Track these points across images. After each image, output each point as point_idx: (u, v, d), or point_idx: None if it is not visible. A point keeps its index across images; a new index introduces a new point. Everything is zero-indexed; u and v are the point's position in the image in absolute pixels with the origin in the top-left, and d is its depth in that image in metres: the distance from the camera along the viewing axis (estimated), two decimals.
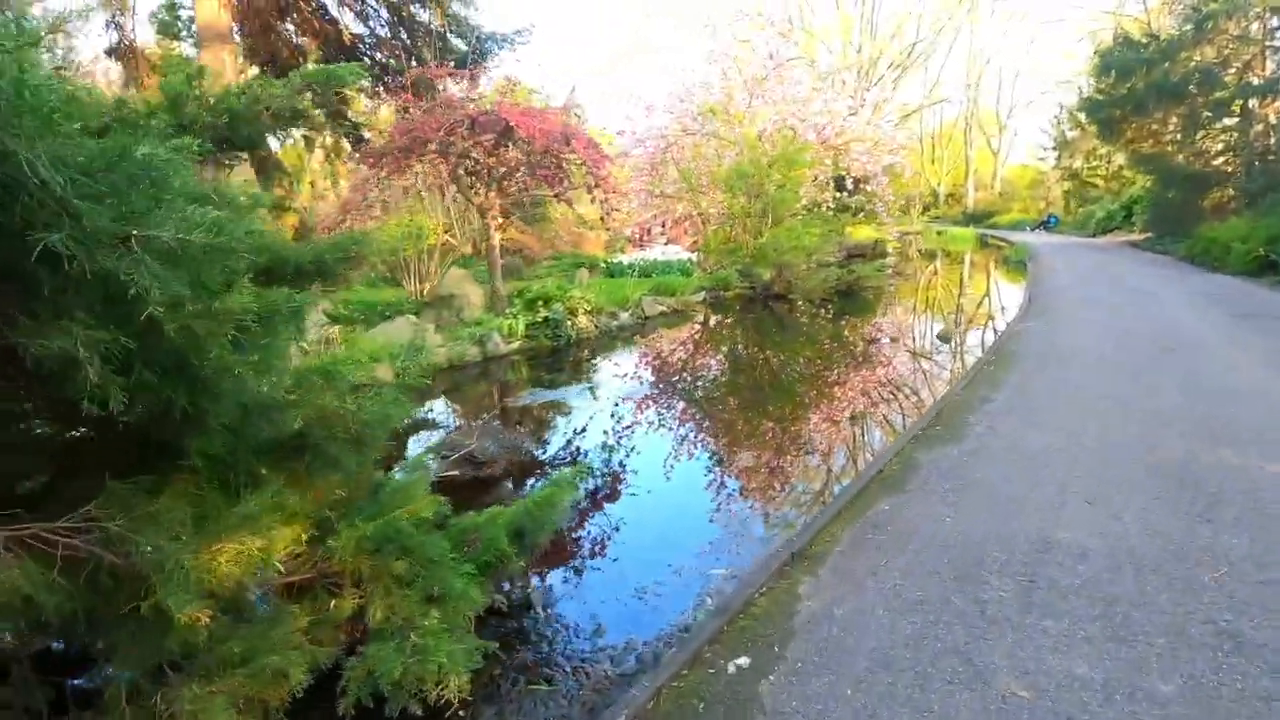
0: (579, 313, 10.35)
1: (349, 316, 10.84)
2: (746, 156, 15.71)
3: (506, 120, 8.68)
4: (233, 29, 11.17)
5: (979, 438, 5.04)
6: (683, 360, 9.55)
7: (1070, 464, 4.43)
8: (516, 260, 21.89)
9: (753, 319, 13.20)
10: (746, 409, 7.13)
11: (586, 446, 5.89)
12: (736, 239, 15.69)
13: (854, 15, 38.70)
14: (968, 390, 6.36)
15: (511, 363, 9.23)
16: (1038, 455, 4.63)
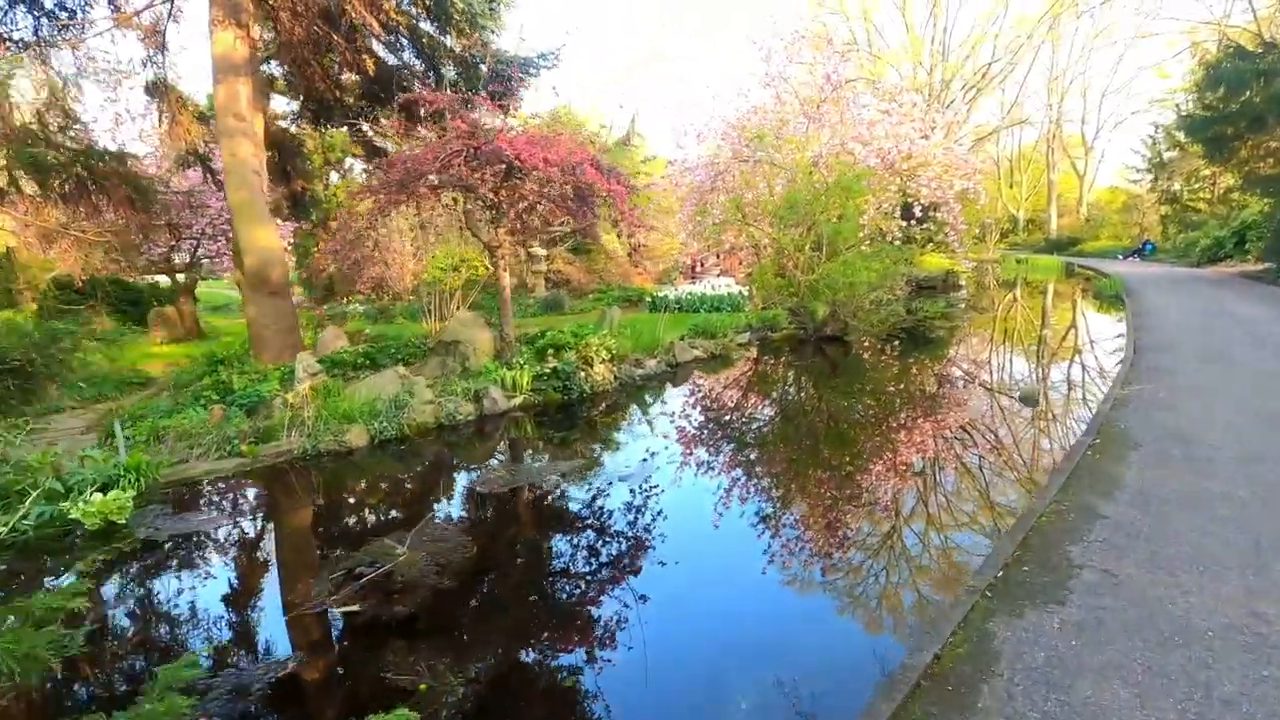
0: (595, 362, 9.02)
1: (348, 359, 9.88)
2: (799, 184, 14.17)
3: (503, 150, 7.53)
4: (248, 62, 10.55)
5: (1090, 594, 3.36)
6: (700, 425, 8.04)
7: (1254, 663, 2.75)
8: (560, 294, 20.89)
9: (798, 368, 11.56)
10: (741, 514, 5.57)
11: (553, 563, 4.49)
12: (788, 274, 14.11)
13: (924, 37, 36.63)
14: (1065, 494, 4.63)
15: (512, 422, 7.96)
16: (1192, 636, 2.95)
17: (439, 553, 4.31)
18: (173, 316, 17.86)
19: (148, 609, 3.96)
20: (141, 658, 3.52)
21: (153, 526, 5.01)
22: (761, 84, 18.64)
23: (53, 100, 12.68)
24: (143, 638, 3.73)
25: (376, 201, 7.99)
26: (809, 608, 3.89)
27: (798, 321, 13.43)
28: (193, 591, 4.14)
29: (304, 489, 6.11)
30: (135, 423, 7.82)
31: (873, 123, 16.67)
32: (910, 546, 4.61)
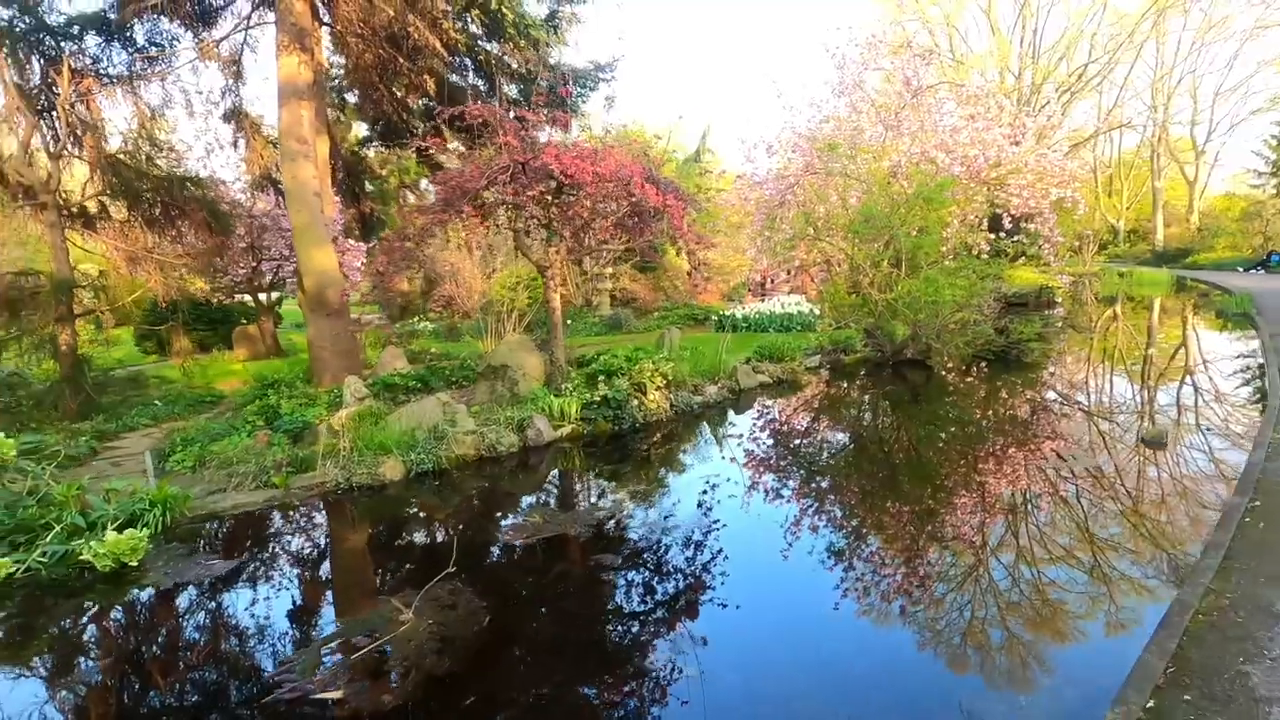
0: (649, 389, 8.36)
1: (399, 382, 9.59)
2: (876, 196, 13.13)
3: (549, 165, 7.02)
4: (312, 86, 10.56)
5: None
6: (764, 459, 7.20)
7: None
8: (624, 313, 20.40)
9: (874, 394, 10.52)
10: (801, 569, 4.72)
11: (578, 636, 3.83)
12: (862, 291, 13.05)
13: (1012, 40, 34.48)
14: (1226, 581, 3.60)
15: (558, 454, 7.38)
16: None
17: (446, 622, 3.72)
18: (255, 334, 18.38)
19: (102, 679, 3.52)
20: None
21: (163, 571, 4.67)
22: (835, 93, 17.70)
23: (141, 130, 13.19)
24: None
25: (423, 221, 7.63)
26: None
27: (874, 343, 12.36)
28: (165, 658, 3.69)
29: (325, 530, 5.71)
30: (184, 447, 7.70)
31: (956, 129, 15.41)
32: (1013, 642, 3.67)
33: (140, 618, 4.20)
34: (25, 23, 11.16)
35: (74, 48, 11.81)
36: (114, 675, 3.51)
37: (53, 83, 11.34)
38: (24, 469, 5.36)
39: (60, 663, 3.68)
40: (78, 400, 10.84)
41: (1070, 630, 3.80)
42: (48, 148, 11.30)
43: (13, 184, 11.44)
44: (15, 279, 11.25)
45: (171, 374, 14.72)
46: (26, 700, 3.31)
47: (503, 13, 8.64)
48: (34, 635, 4.00)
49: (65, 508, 5.09)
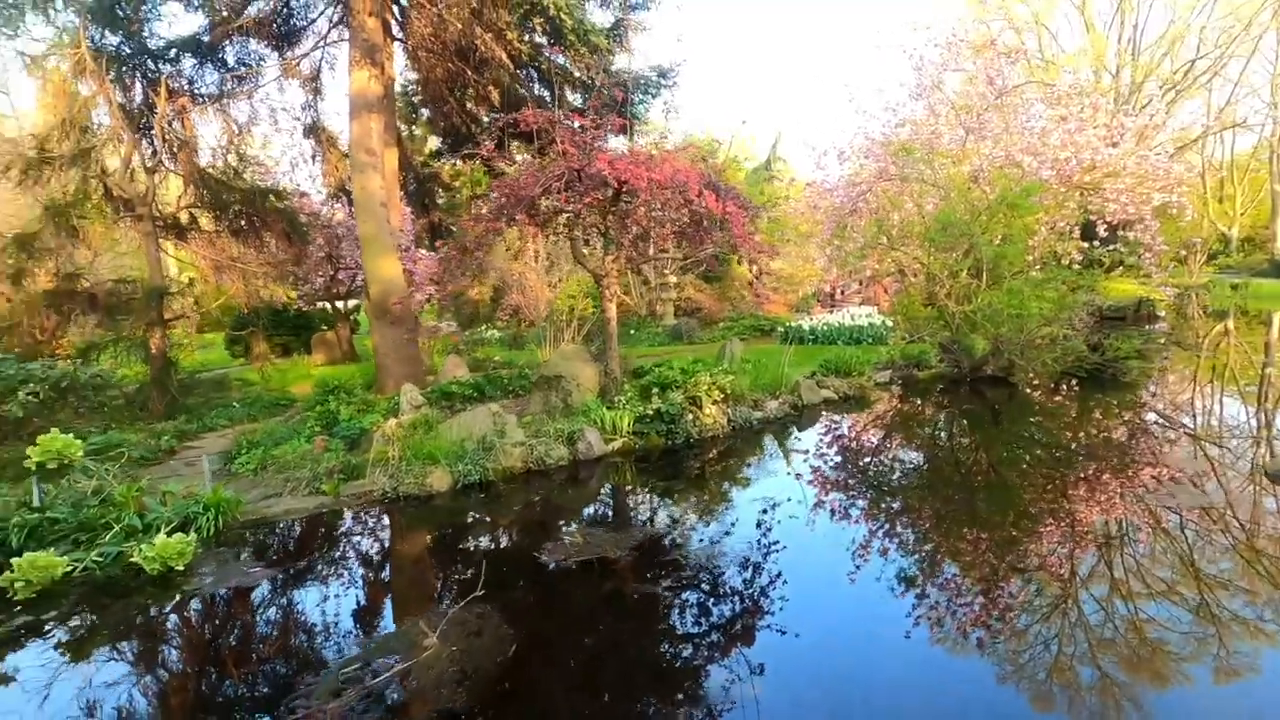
0: (705, 403, 8.02)
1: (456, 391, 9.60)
2: (954, 202, 12.35)
3: (602, 172, 6.83)
4: (382, 99, 10.81)
5: None
6: (826, 479, 6.72)
7: None
8: (689, 322, 20.07)
9: (949, 413, 9.81)
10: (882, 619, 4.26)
11: (608, 676, 3.55)
12: (938, 303, 12.27)
13: (1109, 36, 32.31)
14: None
15: (609, 469, 7.14)
16: None
17: (471, 651, 3.52)
18: (332, 340, 19.06)
19: (116, 689, 3.47)
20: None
21: (206, 576, 4.69)
22: (912, 95, 16.89)
23: (230, 145, 13.90)
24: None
25: (478, 229, 7.59)
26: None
27: (950, 358, 11.59)
28: (184, 671, 3.63)
29: (365, 541, 5.65)
30: (249, 450, 7.90)
31: (1046, 131, 14.37)
32: (1106, 682, 3.15)
33: (172, 626, 4.19)
34: (129, 48, 11.91)
35: (171, 69, 12.53)
36: (126, 686, 3.47)
37: (152, 103, 12.04)
38: (89, 469, 5.54)
39: (78, 667, 3.68)
40: (164, 401, 11.42)
41: (1172, 673, 3.36)
42: (145, 163, 12.00)
43: (115, 198, 12.20)
44: (115, 286, 11.96)
45: (253, 377, 15.37)
46: (34, 702, 3.32)
47: (561, 19, 8.56)
48: (70, 634, 4.05)
49: (124, 509, 5.21)
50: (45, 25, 11.36)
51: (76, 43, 11.14)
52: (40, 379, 6.43)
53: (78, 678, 3.58)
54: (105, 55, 11.32)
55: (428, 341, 18.84)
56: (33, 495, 5.21)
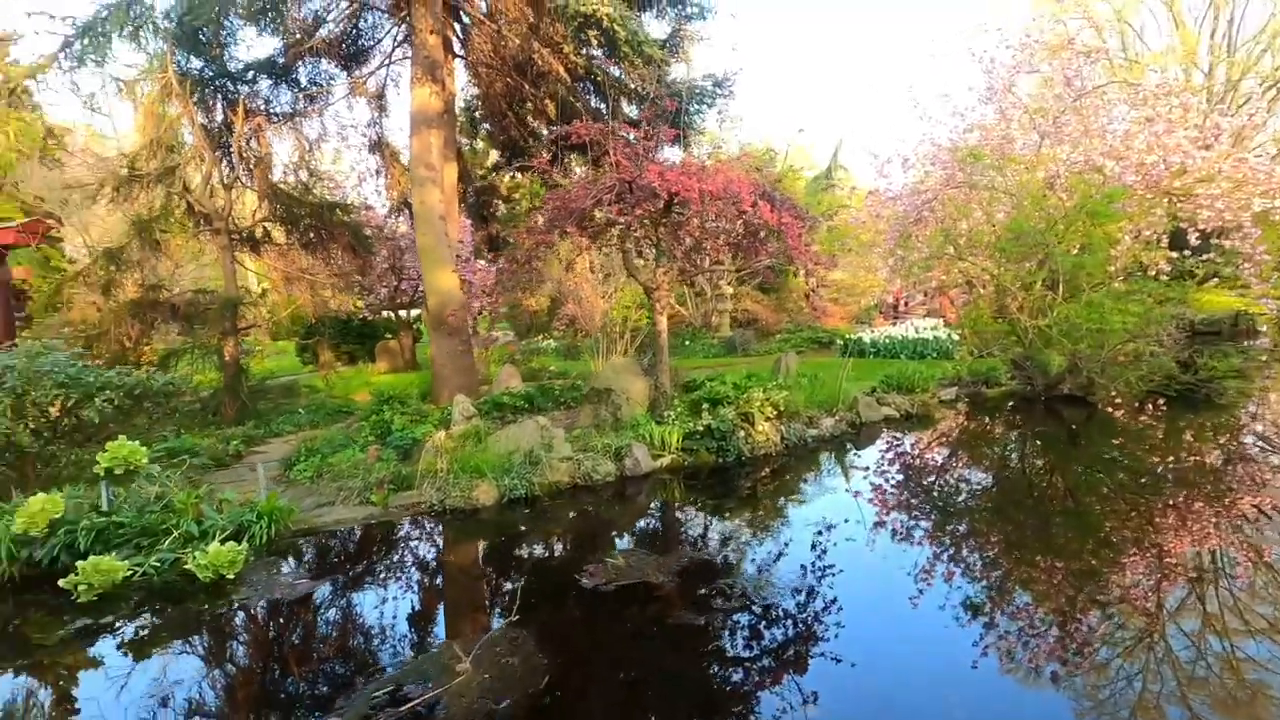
0: (758, 419, 7.76)
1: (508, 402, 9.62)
2: (1027, 210, 11.69)
3: (653, 183, 6.70)
4: (442, 115, 11.01)
5: None
6: (885, 503, 6.35)
7: None
8: (745, 334, 19.74)
9: (1021, 434, 9.22)
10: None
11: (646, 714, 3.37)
12: (1010, 316, 11.61)
13: (1200, 33, 30.31)
14: None
15: (656, 486, 6.97)
16: None
17: (503, 678, 3.40)
18: (395, 349, 19.57)
19: (146, 699, 3.49)
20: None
21: (254, 586, 4.75)
22: (982, 99, 16.16)
23: (301, 161, 14.47)
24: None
25: (530, 242, 7.58)
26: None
27: (1022, 375, 10.93)
28: (218, 685, 3.63)
29: (408, 555, 5.64)
30: (307, 457, 8.09)
31: (1130, 134, 13.48)
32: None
33: (213, 637, 4.23)
34: (211, 71, 12.54)
35: (248, 90, 13.14)
36: (160, 694, 3.49)
37: (230, 122, 12.63)
38: (153, 475, 5.73)
39: (117, 672, 3.74)
40: (234, 407, 11.90)
41: (1273, 717, 3.01)
42: (223, 180, 12.60)
43: (196, 213, 12.85)
44: (194, 296, 12.56)
45: (320, 384, 15.90)
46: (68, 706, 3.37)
47: (615, 31, 8.52)
48: (117, 641, 4.14)
49: (183, 515, 5.36)
50: (137, 52, 12.06)
51: (164, 67, 11.81)
52: (116, 386, 6.73)
53: (113, 684, 3.64)
54: (189, 79, 11.95)
55: (485, 351, 19.15)
56: (102, 499, 5.41)
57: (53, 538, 5.05)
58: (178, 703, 3.42)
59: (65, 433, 6.99)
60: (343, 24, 13.33)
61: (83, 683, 3.76)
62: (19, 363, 6.47)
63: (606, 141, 7.73)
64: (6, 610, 4.73)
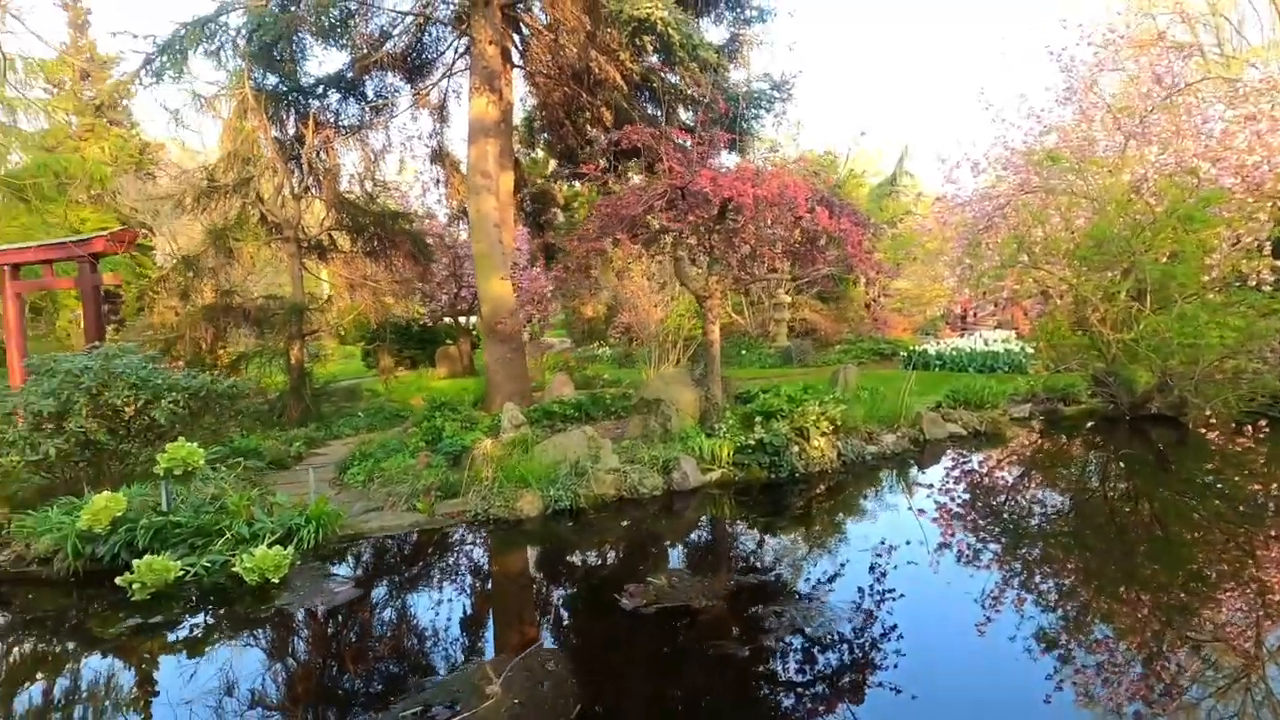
0: (813, 434, 7.41)
1: (557, 411, 9.55)
2: (1110, 216, 10.91)
3: (705, 189, 6.49)
4: (498, 124, 11.11)
5: None
6: (951, 528, 5.91)
7: None
8: (803, 344, 19.21)
9: (1103, 455, 8.54)
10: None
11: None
12: (1091, 329, 10.84)
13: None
14: None
15: (705, 501, 6.73)
16: None
17: (533, 703, 3.24)
18: (454, 354, 19.90)
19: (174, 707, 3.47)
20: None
21: (297, 591, 4.76)
22: (1059, 100, 15.27)
23: (366, 171, 14.89)
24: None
25: (581, 249, 7.49)
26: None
27: (1104, 392, 10.16)
28: (245, 697, 3.58)
29: (447, 566, 5.57)
30: (361, 461, 8.20)
31: (1228, 132, 12.45)
32: None
33: (249, 644, 4.23)
34: (285, 86, 13.04)
35: (319, 104, 13.62)
36: (189, 698, 3.47)
37: (301, 135, 13.09)
38: (209, 476, 5.86)
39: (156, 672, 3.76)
40: (299, 409, 12.28)
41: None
42: (292, 190, 13.06)
43: (268, 222, 13.36)
44: (264, 302, 13.03)
45: (380, 388, 16.29)
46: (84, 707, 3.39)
47: (669, 35, 8.37)
48: (159, 641, 4.19)
49: (236, 517, 5.45)
50: (218, 70, 12.64)
51: (241, 84, 12.35)
52: (182, 388, 6.96)
53: (151, 683, 3.67)
54: (264, 94, 12.45)
55: (540, 357, 19.27)
56: (162, 499, 5.56)
57: (114, 535, 5.21)
58: (203, 708, 3.39)
59: (139, 431, 7.27)
60: (407, 38, 13.67)
61: (124, 680, 3.81)
62: (96, 364, 6.77)
63: (658, 146, 7.57)
64: (70, 604, 4.90)
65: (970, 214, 16.11)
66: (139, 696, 3.63)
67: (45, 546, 5.22)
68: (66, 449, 6.34)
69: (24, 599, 5.02)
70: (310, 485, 6.15)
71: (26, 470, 6.49)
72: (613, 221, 7.11)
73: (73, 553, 5.14)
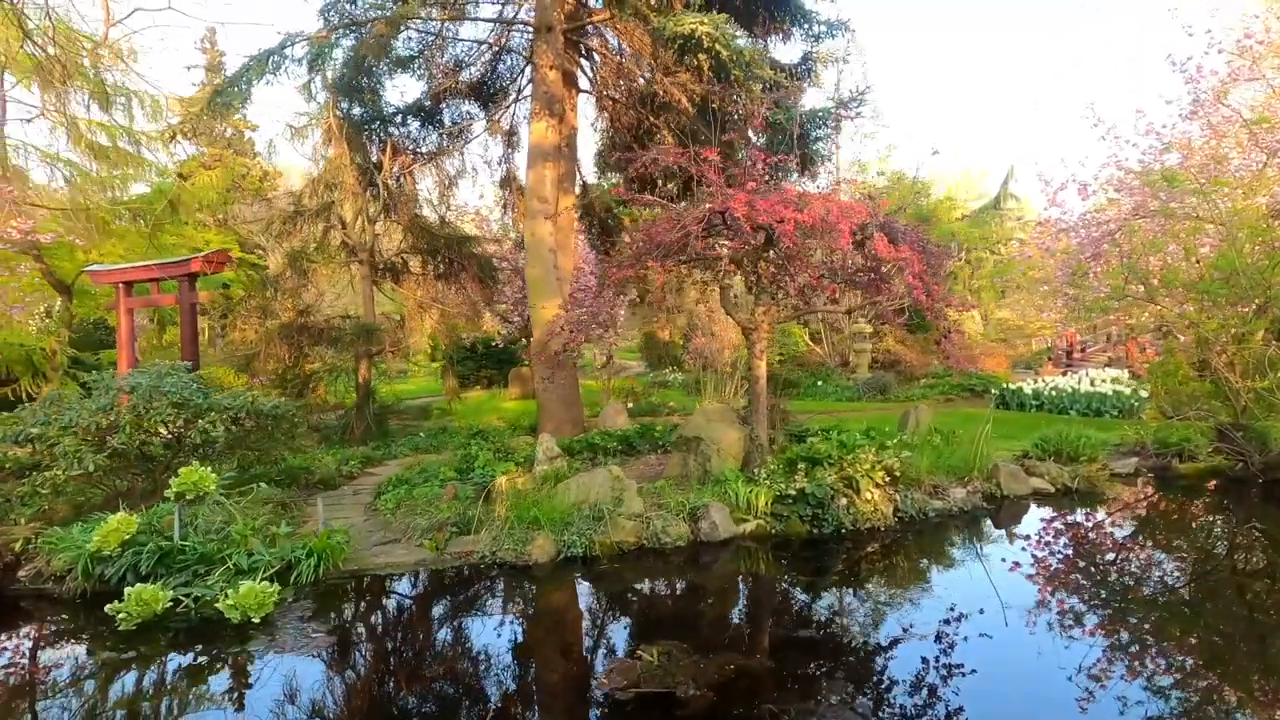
0: (863, 485, 6.56)
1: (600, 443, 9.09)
2: (1241, 244, 9.36)
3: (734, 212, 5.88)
4: (559, 148, 10.93)
5: None
6: (1035, 613, 4.90)
7: None
8: (885, 377, 17.92)
9: (1225, 524, 7.12)
10: None
11: None
12: (1216, 374, 9.28)
13: None
14: None
15: (737, 555, 6.03)
16: None
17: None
18: (526, 376, 19.93)
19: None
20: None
21: (276, 634, 4.49)
22: (1183, 115, 13.53)
23: (442, 197, 15.19)
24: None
25: (616, 276, 7.04)
26: None
27: (1230, 448, 8.60)
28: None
29: (435, 616, 5.11)
30: (394, 487, 8.04)
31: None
32: None
33: (205, 693, 3.95)
34: (367, 115, 13.47)
35: (398, 132, 14.00)
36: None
37: (379, 162, 13.46)
38: (221, 501, 5.78)
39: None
40: (361, 427, 12.47)
41: None
42: (367, 215, 13.44)
43: (346, 245, 13.81)
44: (338, 321, 13.38)
45: (451, 407, 16.43)
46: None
47: (718, 50, 7.86)
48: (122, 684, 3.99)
49: (238, 547, 5.30)
50: (309, 101, 13.24)
51: (327, 114, 12.86)
52: (223, 409, 7.03)
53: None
54: (347, 122, 12.91)
55: (607, 381, 18.95)
56: (174, 523, 5.51)
57: (122, 558, 5.17)
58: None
59: (193, 447, 7.40)
60: (483, 66, 13.87)
61: None
62: (147, 382, 6.94)
63: (690, 168, 7.06)
64: (62, 628, 4.86)
65: (1076, 240, 14.55)
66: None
67: (61, 565, 5.26)
68: (109, 464, 6.49)
69: (23, 618, 5.04)
70: (319, 515, 5.97)
71: (76, 483, 6.68)
72: (649, 246, 6.62)
73: (83, 573, 5.15)
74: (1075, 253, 14.18)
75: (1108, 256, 12.95)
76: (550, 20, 10.54)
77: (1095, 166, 24.37)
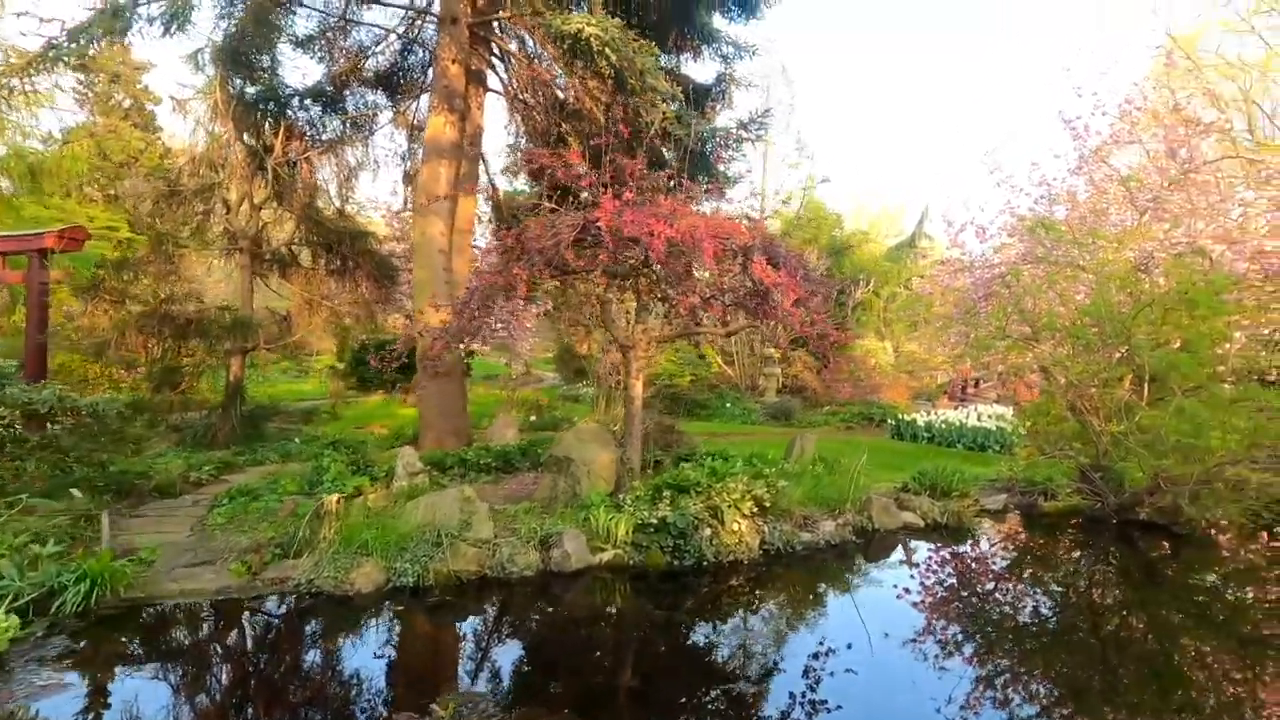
0: (728, 516, 6.26)
1: (472, 460, 8.50)
2: (1112, 294, 9.75)
3: (599, 222, 5.53)
4: (456, 146, 10.35)
5: None
6: (891, 654, 4.67)
7: None
8: (793, 402, 18.03)
9: (1082, 563, 7.23)
10: None
11: None
12: (1082, 416, 9.58)
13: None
14: None
15: (591, 587, 5.59)
16: None
17: None
18: None
19: None
20: None
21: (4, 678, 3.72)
22: (1071, 169, 14.28)
23: (340, 189, 14.26)
24: None
25: (480, 283, 6.54)
26: None
27: (1091, 489, 8.86)
28: None
29: (208, 659, 4.37)
30: (232, 499, 7.21)
31: (1248, 216, 11.33)
32: None
33: None
34: (260, 94, 12.45)
35: (295, 116, 13.03)
36: None
37: (270, 145, 12.47)
38: None
39: None
40: (225, 429, 11.38)
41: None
42: (251, 200, 12.41)
43: (228, 231, 12.72)
44: (211, 313, 12.20)
45: (344, 411, 15.36)
46: None
47: (607, 55, 7.55)
48: None
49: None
50: (196, 74, 12.14)
51: (214, 88, 11.81)
52: (13, 404, 6.08)
53: None
54: (239, 100, 11.88)
55: (512, 393, 18.27)
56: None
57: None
58: None
59: (36, 449, 6.41)
60: (392, 57, 13.14)
61: None
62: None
63: (556, 170, 6.70)
64: None
65: (971, 279, 15.05)
66: None
67: None
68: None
69: None
70: (104, 532, 5.15)
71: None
72: (520, 254, 6.16)
73: None
74: (969, 291, 14.65)
75: (998, 297, 13.39)
76: (455, 12, 10.00)
77: (994, 212, 25.69)
